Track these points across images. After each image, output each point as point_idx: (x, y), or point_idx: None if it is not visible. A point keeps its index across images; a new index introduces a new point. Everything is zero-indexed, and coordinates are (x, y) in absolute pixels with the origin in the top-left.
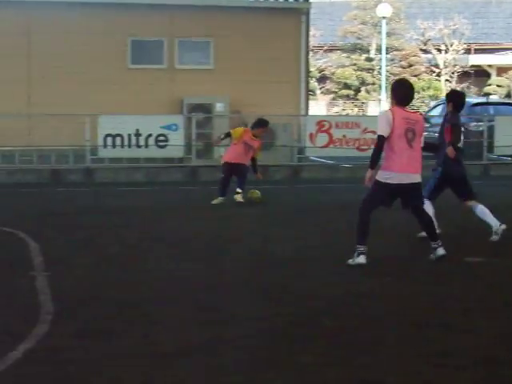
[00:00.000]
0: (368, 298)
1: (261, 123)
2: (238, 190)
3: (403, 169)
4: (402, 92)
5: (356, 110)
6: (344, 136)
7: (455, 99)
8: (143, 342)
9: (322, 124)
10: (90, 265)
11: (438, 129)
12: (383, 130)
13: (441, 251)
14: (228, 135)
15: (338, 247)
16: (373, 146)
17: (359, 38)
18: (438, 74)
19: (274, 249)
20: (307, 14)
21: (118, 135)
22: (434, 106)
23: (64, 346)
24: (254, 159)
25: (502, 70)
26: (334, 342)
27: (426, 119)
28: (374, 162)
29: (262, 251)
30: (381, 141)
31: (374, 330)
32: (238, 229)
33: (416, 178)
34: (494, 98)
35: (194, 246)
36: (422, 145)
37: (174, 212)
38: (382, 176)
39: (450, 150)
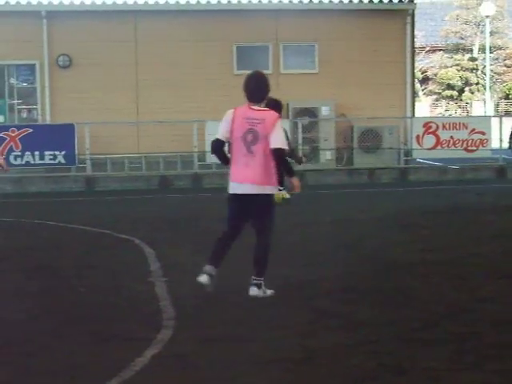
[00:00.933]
0: (492, 302)
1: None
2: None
3: (236, 177)
4: (248, 86)
5: (459, 110)
6: (451, 137)
7: None
8: (268, 348)
9: (428, 125)
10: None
11: None
12: (219, 133)
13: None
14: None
15: (454, 251)
16: (481, 147)
17: (462, 38)
18: None
19: (390, 253)
20: (412, 15)
21: None
22: None
23: (189, 351)
24: None
25: None
26: (460, 347)
27: None
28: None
29: (379, 255)
30: (214, 145)
31: (500, 334)
32: (350, 233)
33: (253, 189)
34: None
35: (308, 251)
36: (273, 147)
37: (288, 216)
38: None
39: None
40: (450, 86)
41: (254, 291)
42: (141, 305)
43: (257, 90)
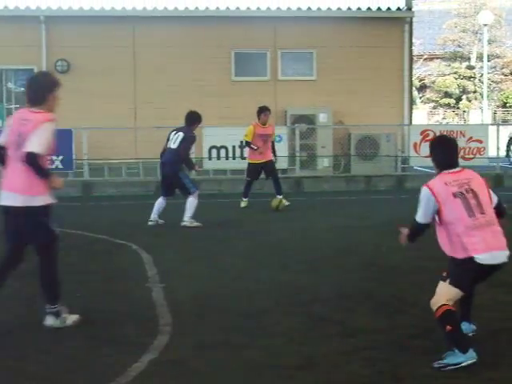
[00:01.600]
0: (489, 310)
1: (259, 111)
2: (278, 196)
3: (4, 185)
4: (26, 88)
5: (457, 118)
6: None
7: None
8: (265, 354)
9: (426, 133)
10: (204, 276)
11: None
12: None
13: (49, 320)
14: (247, 142)
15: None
16: (478, 155)
17: (459, 46)
18: None
19: (387, 260)
20: (410, 23)
21: (223, 147)
22: None
23: (186, 357)
24: (272, 142)
25: None
26: None
27: None
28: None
29: (375, 262)
30: None
31: (497, 342)
32: (347, 240)
33: (15, 200)
34: None
35: (306, 258)
36: (24, 150)
37: (285, 222)
38: None
39: None
40: (447, 94)
41: (49, 321)
42: (138, 310)
43: (30, 90)
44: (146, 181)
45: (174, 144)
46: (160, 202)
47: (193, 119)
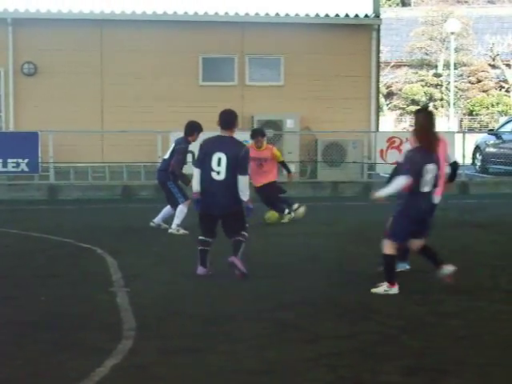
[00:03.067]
0: (452, 318)
1: (252, 135)
2: (283, 213)
3: None
4: None
5: None
6: None
7: None
8: (229, 360)
9: (392, 140)
10: (169, 281)
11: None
12: None
13: None
14: None
15: (416, 265)
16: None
17: (427, 54)
18: (508, 90)
19: (352, 266)
20: (378, 30)
21: (190, 152)
22: (506, 122)
23: (150, 362)
24: (281, 162)
25: None
26: (420, 362)
27: (498, 135)
28: None
29: (341, 269)
30: None
31: (460, 350)
32: (312, 246)
33: None
34: None
35: (270, 264)
36: None
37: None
38: None
39: None
40: (414, 102)
41: None
42: (102, 315)
43: None
44: (111, 185)
45: (166, 155)
46: (168, 209)
47: (192, 129)
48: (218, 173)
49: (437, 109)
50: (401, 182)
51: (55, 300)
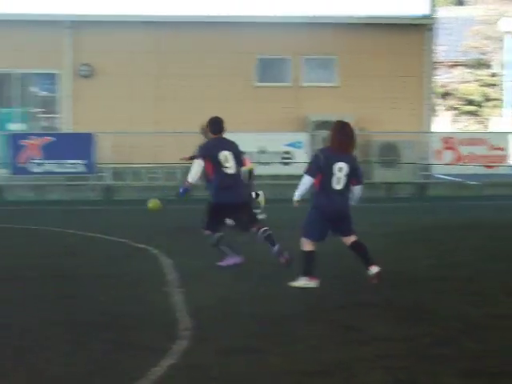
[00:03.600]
0: (509, 320)
1: None
2: None
3: None
4: None
5: (479, 126)
6: (470, 153)
7: None
8: (284, 360)
9: (448, 141)
10: (226, 281)
11: None
12: None
13: None
14: None
15: (472, 267)
16: (499, 164)
17: (482, 53)
18: None
19: (407, 268)
20: (432, 29)
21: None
22: None
23: (205, 362)
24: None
25: None
26: (477, 365)
27: None
28: None
29: (396, 270)
30: None
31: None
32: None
33: None
34: None
35: (328, 264)
36: None
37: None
38: None
39: None
40: (470, 102)
41: None
42: (158, 315)
43: None
44: (166, 185)
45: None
46: None
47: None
48: (228, 167)
49: (492, 109)
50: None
51: (113, 300)
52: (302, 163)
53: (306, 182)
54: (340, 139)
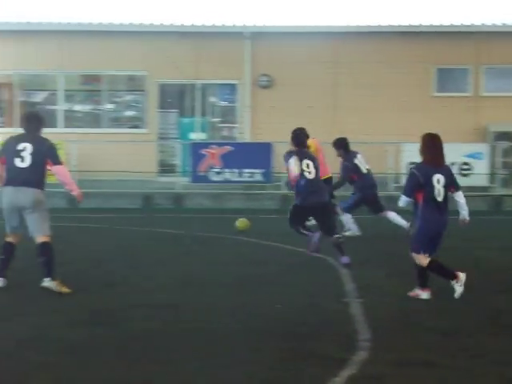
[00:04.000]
0: None
1: None
2: None
3: None
4: None
5: None
6: None
7: None
8: (464, 376)
9: None
10: (403, 292)
11: None
12: None
13: None
14: None
15: None
16: None
17: None
18: None
19: None
20: None
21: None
22: None
23: (385, 374)
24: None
25: None
26: None
27: None
28: None
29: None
30: None
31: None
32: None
33: None
34: None
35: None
36: None
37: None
38: None
39: None
40: None
41: None
42: (336, 324)
43: None
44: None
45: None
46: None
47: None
48: (309, 173)
49: None
50: None
51: (290, 308)
52: (481, 174)
53: (403, 202)
54: (432, 152)
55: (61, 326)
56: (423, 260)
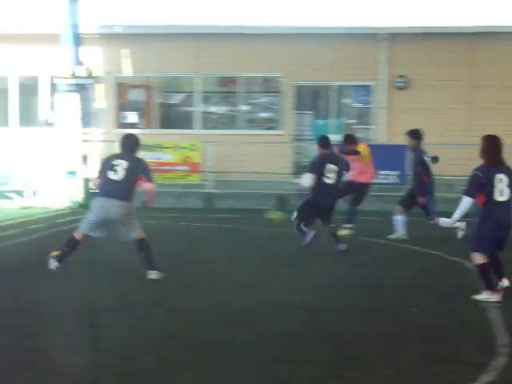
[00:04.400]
0: None
1: None
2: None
3: None
4: None
5: None
6: None
7: None
8: None
9: None
10: None
11: None
12: None
13: None
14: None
15: None
16: None
17: None
18: None
19: None
20: None
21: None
22: None
23: None
24: None
25: None
26: None
27: None
28: None
29: None
30: None
31: None
32: None
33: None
34: None
35: None
36: None
37: None
38: None
39: None
40: None
41: None
42: (473, 329)
43: None
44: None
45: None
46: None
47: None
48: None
49: None
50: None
51: (426, 312)
52: None
53: (466, 203)
54: (492, 153)
55: (200, 326)
56: (480, 260)
